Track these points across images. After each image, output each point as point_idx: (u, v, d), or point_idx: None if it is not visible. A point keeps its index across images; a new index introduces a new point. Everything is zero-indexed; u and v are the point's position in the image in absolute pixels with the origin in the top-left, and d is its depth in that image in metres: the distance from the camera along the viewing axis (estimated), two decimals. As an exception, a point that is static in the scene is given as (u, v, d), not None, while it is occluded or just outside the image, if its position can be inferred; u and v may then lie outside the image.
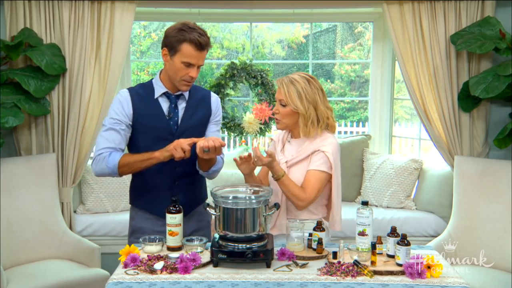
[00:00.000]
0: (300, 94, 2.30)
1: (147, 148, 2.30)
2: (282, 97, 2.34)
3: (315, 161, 2.32)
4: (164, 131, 2.34)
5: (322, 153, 2.31)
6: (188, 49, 2.21)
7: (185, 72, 2.25)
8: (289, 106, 2.32)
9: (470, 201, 3.35)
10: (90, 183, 3.72)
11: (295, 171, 2.36)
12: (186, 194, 2.39)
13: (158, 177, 2.37)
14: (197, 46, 2.21)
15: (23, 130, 3.50)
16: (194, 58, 2.23)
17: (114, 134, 2.31)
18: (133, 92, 2.38)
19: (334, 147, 2.32)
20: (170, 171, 2.36)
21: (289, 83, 2.33)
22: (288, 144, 2.47)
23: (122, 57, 3.53)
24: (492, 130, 3.55)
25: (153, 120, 2.34)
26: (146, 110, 2.34)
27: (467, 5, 3.44)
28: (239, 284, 1.90)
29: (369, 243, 2.11)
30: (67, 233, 3.39)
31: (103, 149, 2.30)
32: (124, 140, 2.34)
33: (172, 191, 2.36)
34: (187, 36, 2.20)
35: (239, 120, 4.12)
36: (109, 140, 2.30)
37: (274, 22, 8.19)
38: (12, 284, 2.87)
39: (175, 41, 2.22)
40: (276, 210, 2.14)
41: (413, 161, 3.82)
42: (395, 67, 4.10)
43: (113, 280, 1.93)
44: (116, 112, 2.32)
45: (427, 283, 1.94)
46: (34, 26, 3.42)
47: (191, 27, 2.23)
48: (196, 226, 2.46)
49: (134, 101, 2.34)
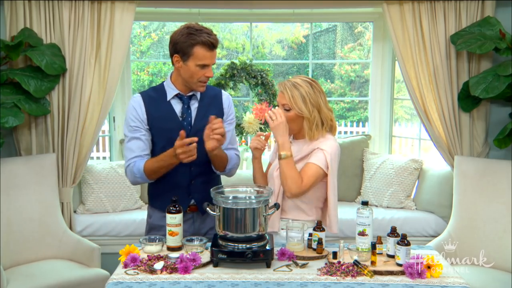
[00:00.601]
0: (304, 98, 2.29)
1: (163, 149, 2.32)
2: (286, 102, 2.33)
3: (314, 156, 2.31)
4: (178, 132, 2.31)
5: (321, 151, 2.30)
6: (201, 51, 2.24)
7: (201, 74, 2.29)
8: (294, 111, 2.31)
9: (470, 201, 3.35)
10: (90, 183, 3.72)
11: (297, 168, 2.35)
12: (202, 193, 2.40)
13: (174, 178, 2.39)
14: (209, 47, 2.25)
15: (23, 130, 3.49)
16: (208, 59, 2.27)
17: (136, 143, 2.38)
18: (145, 96, 2.41)
19: (333, 149, 2.31)
20: (186, 171, 2.39)
21: (292, 87, 2.31)
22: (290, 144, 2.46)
23: (122, 57, 3.53)
24: (492, 130, 3.55)
25: (167, 122, 2.37)
26: (159, 112, 2.37)
27: (467, 5, 3.44)
28: (239, 284, 1.90)
29: (369, 243, 2.11)
30: (67, 233, 3.39)
31: (130, 159, 2.38)
32: (147, 145, 2.40)
33: (189, 190, 2.40)
34: (197, 39, 2.22)
35: (239, 120, 4.12)
36: (134, 150, 2.37)
37: (274, 22, 8.20)
38: (12, 284, 2.87)
39: (186, 46, 2.24)
40: (276, 210, 2.15)
41: (413, 161, 3.82)
42: (395, 67, 4.10)
43: (113, 280, 1.93)
44: (132, 119, 2.38)
45: (427, 283, 1.94)
46: (34, 26, 3.42)
47: (198, 29, 2.25)
48: (212, 223, 2.45)
49: (146, 104, 2.38)
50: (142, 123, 2.37)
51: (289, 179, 2.25)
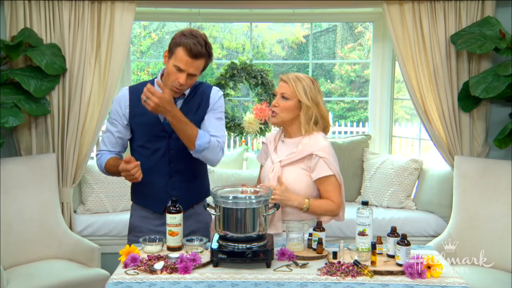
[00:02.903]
0: (305, 90, 2.34)
1: (143, 147, 2.38)
2: (285, 91, 2.36)
3: (317, 169, 2.33)
4: (157, 128, 2.35)
5: (320, 159, 2.31)
6: (181, 53, 2.21)
7: (175, 77, 2.24)
8: (293, 100, 2.34)
9: (470, 201, 3.35)
10: (90, 183, 3.72)
11: (290, 171, 2.35)
12: (181, 190, 2.38)
13: (154, 173, 2.37)
14: (189, 52, 2.20)
15: (23, 130, 3.49)
16: (184, 63, 2.21)
17: (109, 137, 2.44)
18: (133, 90, 2.41)
19: (327, 149, 2.34)
20: (165, 167, 2.38)
21: (296, 79, 2.36)
22: (281, 143, 2.46)
23: (122, 57, 3.53)
24: (492, 130, 3.55)
25: (147, 117, 2.34)
26: (142, 108, 2.29)
27: (467, 5, 3.44)
28: (239, 284, 1.90)
29: (369, 243, 2.11)
30: (67, 233, 3.39)
31: (99, 151, 2.48)
32: (118, 142, 2.45)
33: (168, 186, 2.38)
34: (183, 41, 2.21)
35: (239, 120, 4.12)
36: (105, 143, 2.46)
37: (274, 22, 8.20)
38: (12, 284, 2.87)
39: (173, 44, 2.25)
40: (276, 210, 2.15)
41: (413, 161, 3.82)
42: (395, 67, 4.10)
43: (113, 280, 1.93)
44: (114, 111, 2.42)
45: (427, 283, 1.94)
46: (34, 26, 3.42)
47: (193, 34, 2.23)
48: (194, 226, 2.44)
49: (131, 99, 2.38)
50: (122, 118, 2.39)
51: (326, 212, 2.35)
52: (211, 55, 2.30)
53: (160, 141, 2.36)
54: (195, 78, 2.30)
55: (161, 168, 2.38)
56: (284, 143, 2.45)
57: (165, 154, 2.37)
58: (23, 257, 3.24)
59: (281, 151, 2.43)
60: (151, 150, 2.38)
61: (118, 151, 2.47)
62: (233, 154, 4.23)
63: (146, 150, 2.38)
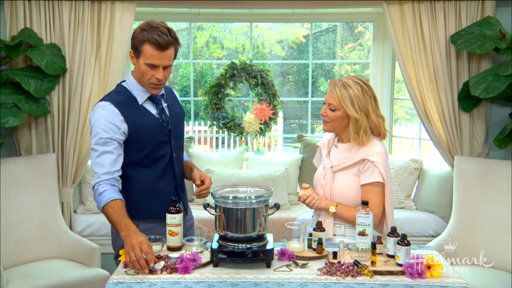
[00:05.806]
0: (352, 100, 2.23)
1: (148, 156, 2.25)
2: (332, 101, 2.27)
3: (367, 174, 2.26)
4: (162, 134, 2.29)
5: (372, 163, 2.24)
6: (149, 49, 2.09)
7: (151, 75, 2.15)
8: (340, 111, 2.26)
9: (470, 201, 3.35)
10: (90, 183, 3.71)
11: (341, 177, 2.32)
12: (186, 192, 2.42)
13: (161, 181, 2.31)
14: (157, 46, 2.08)
15: (23, 130, 3.50)
16: (156, 59, 2.11)
17: (108, 157, 2.14)
18: (116, 103, 2.20)
19: (382, 156, 2.26)
20: (171, 172, 2.35)
21: (342, 87, 2.24)
22: (334, 148, 2.41)
23: (122, 57, 3.53)
24: (492, 130, 3.55)
25: (150, 126, 2.25)
26: (139, 119, 2.22)
27: (467, 5, 3.44)
28: (239, 284, 1.90)
29: (369, 243, 2.11)
30: (67, 233, 3.39)
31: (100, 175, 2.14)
32: (118, 161, 2.17)
33: (177, 191, 2.38)
34: (146, 36, 2.09)
35: (239, 120, 4.12)
36: (104, 165, 2.13)
37: (274, 22, 8.20)
38: (12, 284, 2.87)
39: (137, 42, 2.12)
40: (276, 210, 2.14)
41: (413, 161, 3.82)
42: (395, 67, 4.10)
43: (113, 280, 1.93)
44: (106, 130, 2.14)
45: (427, 283, 1.93)
46: (34, 26, 3.42)
47: (153, 26, 2.11)
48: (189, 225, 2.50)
49: (124, 113, 2.19)
50: (120, 135, 2.16)
51: (354, 218, 2.18)
52: (177, 40, 2.17)
53: (164, 147, 2.28)
54: (170, 68, 2.20)
55: (168, 174, 2.32)
56: (337, 149, 2.39)
57: (170, 159, 2.32)
58: (23, 257, 3.23)
59: (334, 156, 2.38)
60: (156, 158, 2.28)
61: (118, 170, 2.17)
62: (233, 154, 4.22)
63: (151, 160, 2.27)
